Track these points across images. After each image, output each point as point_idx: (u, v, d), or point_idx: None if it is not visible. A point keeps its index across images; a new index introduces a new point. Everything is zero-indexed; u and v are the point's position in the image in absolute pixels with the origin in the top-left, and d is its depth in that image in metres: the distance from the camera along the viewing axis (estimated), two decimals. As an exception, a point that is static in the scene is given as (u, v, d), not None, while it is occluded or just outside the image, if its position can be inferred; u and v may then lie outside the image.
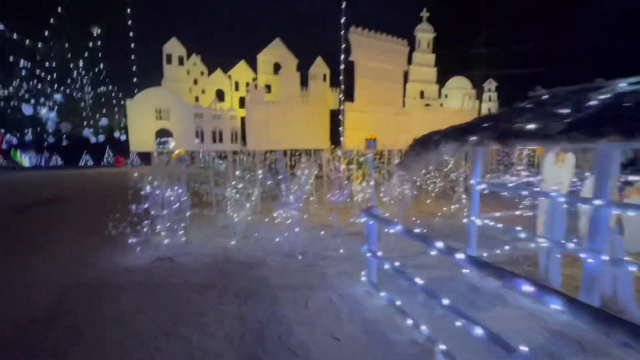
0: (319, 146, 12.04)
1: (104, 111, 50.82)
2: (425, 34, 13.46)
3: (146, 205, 6.84)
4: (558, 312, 4.16)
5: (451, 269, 5.93)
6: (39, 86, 47.70)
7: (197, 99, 11.76)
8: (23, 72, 46.76)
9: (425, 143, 6.02)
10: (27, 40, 46.44)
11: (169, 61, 10.62)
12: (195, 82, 11.87)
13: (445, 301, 3.58)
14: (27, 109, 45.63)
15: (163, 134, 9.54)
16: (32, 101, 46.91)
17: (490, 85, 14.49)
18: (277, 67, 12.32)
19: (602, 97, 4.51)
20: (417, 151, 6.21)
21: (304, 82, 12.18)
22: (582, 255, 4.44)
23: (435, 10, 13.67)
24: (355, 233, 8.15)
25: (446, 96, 14.55)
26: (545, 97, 5.89)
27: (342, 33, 12.95)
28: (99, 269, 6.14)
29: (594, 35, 26.97)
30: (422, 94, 13.77)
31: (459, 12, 29.77)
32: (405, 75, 12.76)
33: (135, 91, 10.78)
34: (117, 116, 49.52)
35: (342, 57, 13.07)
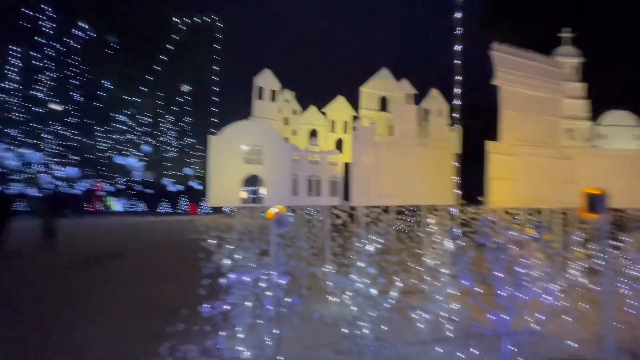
0: (442, 201, 8.94)
1: (188, 160, 53.26)
2: (568, 58, 10.23)
3: (225, 307, 4.10)
4: None
5: None
6: (131, 138, 51.85)
7: (286, 141, 9.67)
8: (118, 126, 51.46)
9: None
10: (125, 96, 51.67)
11: (260, 96, 8.70)
12: (286, 121, 9.83)
13: None
14: (120, 159, 49.41)
15: (249, 182, 7.25)
16: (125, 152, 50.87)
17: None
18: (383, 103, 9.88)
19: None
20: None
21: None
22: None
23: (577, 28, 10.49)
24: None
25: (602, 136, 10.76)
26: None
27: (455, 62, 10.33)
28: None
29: None
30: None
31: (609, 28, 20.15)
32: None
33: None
34: (198, 166, 51.51)
35: (459, 91, 10.33)
